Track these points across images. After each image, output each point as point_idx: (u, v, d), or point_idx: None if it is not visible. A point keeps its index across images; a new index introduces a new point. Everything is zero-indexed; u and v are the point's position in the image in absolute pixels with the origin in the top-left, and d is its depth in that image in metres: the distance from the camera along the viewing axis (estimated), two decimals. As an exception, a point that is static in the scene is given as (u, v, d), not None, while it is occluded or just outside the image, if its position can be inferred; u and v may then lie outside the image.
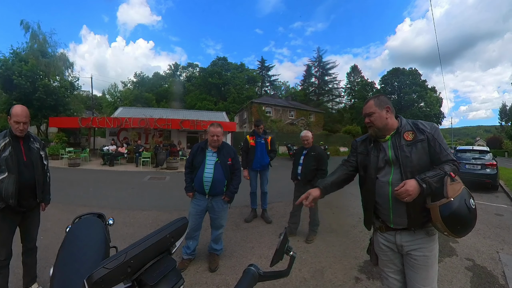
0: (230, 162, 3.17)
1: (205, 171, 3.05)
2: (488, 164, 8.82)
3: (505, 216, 5.90)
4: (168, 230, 0.81)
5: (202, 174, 3.05)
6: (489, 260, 3.61)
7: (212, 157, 3.11)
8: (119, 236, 3.91)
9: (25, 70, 18.89)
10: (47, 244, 3.54)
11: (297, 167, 4.14)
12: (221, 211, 3.20)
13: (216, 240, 3.28)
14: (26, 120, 2.32)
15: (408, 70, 49.05)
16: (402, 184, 1.46)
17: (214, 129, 3.05)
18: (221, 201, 3.18)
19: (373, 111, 1.65)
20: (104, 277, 0.60)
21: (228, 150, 3.22)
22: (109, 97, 44.36)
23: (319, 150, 4.09)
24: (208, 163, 3.09)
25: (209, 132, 3.09)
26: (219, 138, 3.07)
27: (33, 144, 2.49)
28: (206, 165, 3.07)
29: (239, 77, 51.62)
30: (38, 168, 2.47)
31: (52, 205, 5.06)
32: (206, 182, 3.03)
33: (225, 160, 3.12)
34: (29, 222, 2.52)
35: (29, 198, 2.41)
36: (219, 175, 3.06)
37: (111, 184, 8.88)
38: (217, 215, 3.18)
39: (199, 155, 3.14)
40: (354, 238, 4.22)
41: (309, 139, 4.13)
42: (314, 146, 4.16)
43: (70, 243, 1.43)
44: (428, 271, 1.58)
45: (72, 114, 23.81)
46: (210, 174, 3.03)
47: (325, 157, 4.05)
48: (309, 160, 4.01)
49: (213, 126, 3.08)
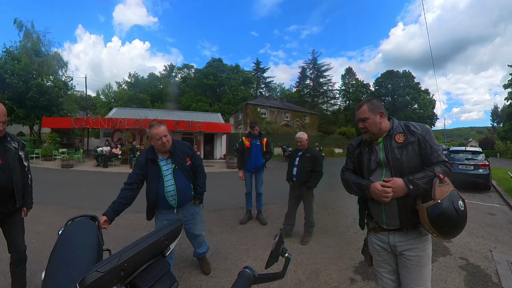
0: (189, 161, 2.69)
1: (166, 184, 2.51)
2: (481, 165, 8.96)
3: (498, 216, 5.99)
4: (162, 232, 0.80)
5: (163, 190, 2.50)
6: (483, 259, 3.66)
7: (167, 165, 2.56)
8: (113, 239, 3.88)
9: (18, 69, 18.62)
10: (39, 247, 3.49)
11: (293, 169, 4.13)
12: (195, 215, 2.80)
13: (198, 245, 2.99)
14: (5, 120, 2.14)
15: (402, 73, 49.67)
16: (391, 179, 1.51)
17: (157, 130, 2.42)
18: (193, 206, 2.77)
19: (367, 117, 1.66)
20: (97, 281, 0.60)
21: (181, 148, 2.68)
22: (103, 98, 43.94)
23: (314, 152, 4.07)
24: (165, 174, 2.53)
25: (152, 136, 2.45)
26: (167, 139, 2.47)
27: (10, 144, 2.27)
28: (165, 177, 2.52)
29: (234, 78, 51.61)
30: (16, 170, 2.26)
31: (45, 207, 4.95)
32: (170, 197, 2.52)
33: (183, 162, 2.62)
34: (11, 228, 2.33)
35: (6, 203, 2.22)
36: (182, 182, 2.57)
37: (104, 185, 8.79)
38: (192, 222, 2.77)
39: (151, 169, 2.52)
40: (349, 239, 4.24)
41: (304, 140, 4.12)
42: (309, 148, 4.15)
43: (62, 246, 1.40)
44: (421, 270, 1.60)
45: (66, 114, 23.55)
46: (171, 187, 2.52)
47: (320, 159, 4.05)
48: (304, 161, 4.01)
49: (154, 127, 2.45)
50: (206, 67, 53.48)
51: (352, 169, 1.84)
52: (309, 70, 57.81)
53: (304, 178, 3.97)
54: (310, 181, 3.93)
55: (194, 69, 59.27)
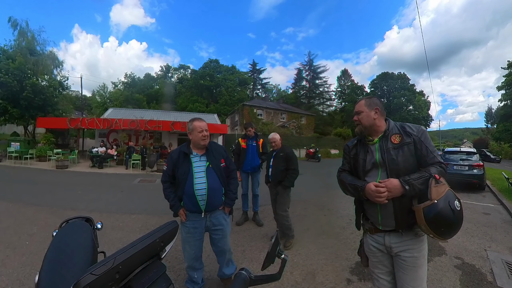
0: (224, 163, 2.56)
1: (195, 181, 2.36)
2: (475, 165, 9.06)
3: (492, 215, 6.06)
4: (157, 234, 0.80)
5: (192, 188, 2.35)
6: (478, 258, 3.70)
7: (201, 162, 2.44)
8: (108, 241, 3.83)
9: (12, 68, 18.35)
10: (32, 250, 3.44)
11: (268, 170, 4.15)
12: (225, 226, 2.59)
13: (226, 263, 2.72)
14: None
15: (397, 75, 50.19)
16: (386, 179, 1.52)
17: (200, 122, 2.41)
18: (222, 214, 2.56)
19: (362, 110, 1.70)
20: (92, 283, 0.59)
21: (218, 149, 2.59)
22: (98, 98, 43.63)
23: (287, 150, 4.07)
24: (197, 170, 2.40)
25: (194, 128, 2.40)
26: (208, 134, 2.44)
27: None
28: (195, 174, 2.38)
29: (231, 79, 51.64)
30: None
31: (39, 209, 4.90)
32: (200, 196, 2.36)
33: (217, 162, 2.49)
34: None
35: None
36: (214, 183, 2.41)
37: (100, 187, 8.71)
38: (222, 234, 2.57)
39: (182, 164, 2.42)
40: (345, 240, 4.24)
41: (277, 141, 4.15)
42: (283, 147, 4.15)
43: (56, 248, 1.39)
44: (417, 271, 1.60)
45: (61, 114, 23.26)
46: (203, 185, 2.36)
47: (294, 157, 4.04)
48: (278, 161, 4.01)
49: (197, 120, 2.44)
50: (203, 68, 53.49)
51: (348, 170, 1.85)
52: (305, 71, 58.12)
53: (279, 177, 3.96)
54: (286, 180, 3.90)
55: (191, 70, 59.24)
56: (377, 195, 1.49)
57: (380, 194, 1.48)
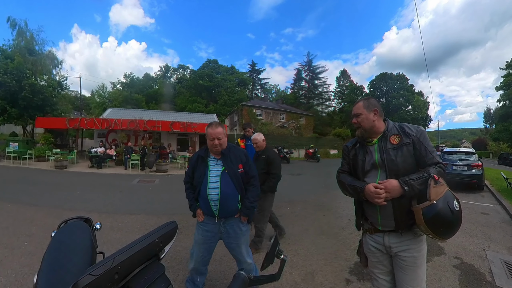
0: (242, 169, 2.46)
1: (209, 186, 2.32)
2: (474, 165, 9.08)
3: (491, 215, 6.08)
4: (156, 234, 0.80)
5: (205, 191, 2.32)
6: (476, 258, 3.71)
7: (217, 166, 2.39)
8: (107, 241, 3.82)
9: (11, 67, 18.28)
10: (31, 250, 3.43)
11: None
12: (240, 236, 2.47)
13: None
14: None
15: (396, 75, 50.27)
16: (386, 180, 1.52)
17: (213, 130, 2.33)
18: (238, 223, 2.45)
19: (361, 113, 1.69)
20: (90, 284, 0.59)
21: (237, 153, 2.49)
22: (97, 98, 43.54)
23: (270, 153, 3.81)
24: (212, 174, 2.36)
25: (207, 135, 2.37)
26: (221, 142, 2.34)
27: None
28: (210, 178, 2.35)
29: (230, 79, 51.59)
30: None
31: (37, 209, 4.89)
32: (213, 201, 2.32)
33: (233, 167, 2.40)
34: None
35: None
36: (228, 188, 2.33)
37: (98, 187, 8.70)
38: (236, 242, 2.46)
39: (200, 166, 2.43)
40: (344, 240, 4.25)
41: (259, 142, 3.83)
42: (266, 148, 3.86)
43: (55, 248, 1.39)
44: (416, 271, 1.61)
45: (60, 114, 23.17)
46: (216, 190, 2.31)
47: (277, 160, 3.78)
48: (259, 163, 3.69)
49: (211, 127, 2.36)
50: (202, 68, 53.40)
51: (347, 170, 1.85)
52: (304, 72, 58.02)
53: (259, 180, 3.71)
54: (265, 184, 3.63)
55: (190, 70, 59.18)
56: (376, 196, 1.49)
57: (379, 195, 1.49)
